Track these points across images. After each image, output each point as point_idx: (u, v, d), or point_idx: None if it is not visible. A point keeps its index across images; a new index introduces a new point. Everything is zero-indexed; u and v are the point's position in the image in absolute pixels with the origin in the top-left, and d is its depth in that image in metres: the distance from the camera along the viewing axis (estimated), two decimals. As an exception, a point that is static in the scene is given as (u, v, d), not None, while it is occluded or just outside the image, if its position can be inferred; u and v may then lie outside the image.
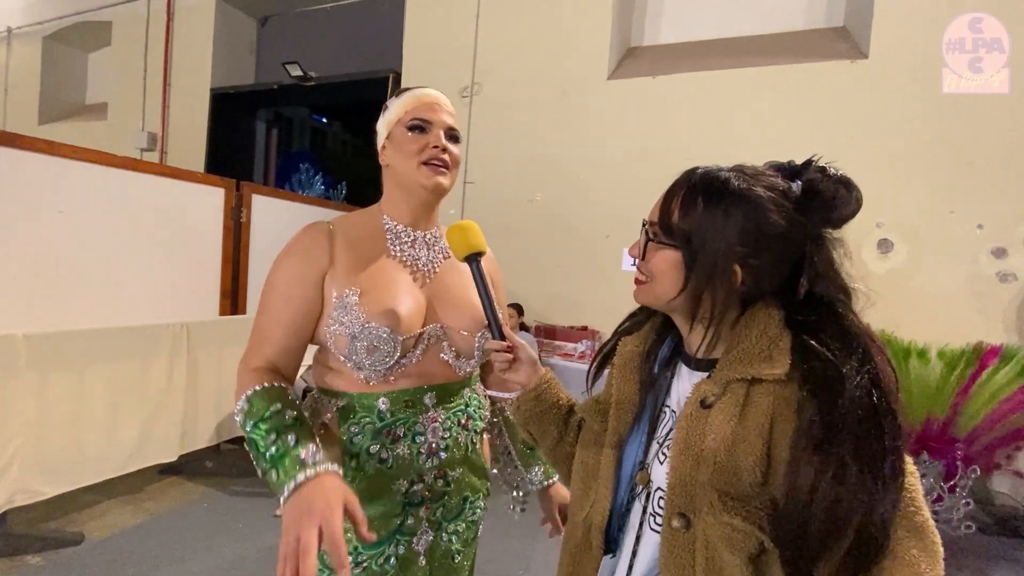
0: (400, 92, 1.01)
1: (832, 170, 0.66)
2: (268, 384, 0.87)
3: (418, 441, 0.95)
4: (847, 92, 3.51)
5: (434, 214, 1.05)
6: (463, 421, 1.01)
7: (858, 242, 3.36)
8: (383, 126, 1.00)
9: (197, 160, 5.90)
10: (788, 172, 0.69)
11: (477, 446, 1.05)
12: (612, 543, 0.76)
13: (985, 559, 2.62)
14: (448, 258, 1.03)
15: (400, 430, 0.94)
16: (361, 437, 0.93)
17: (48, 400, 2.23)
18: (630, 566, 0.73)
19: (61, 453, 2.27)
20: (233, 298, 3.37)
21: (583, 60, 4.23)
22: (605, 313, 3.97)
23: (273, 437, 0.80)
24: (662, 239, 0.69)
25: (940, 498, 2.52)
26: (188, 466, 3.07)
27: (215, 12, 5.89)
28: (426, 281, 1.00)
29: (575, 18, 4.25)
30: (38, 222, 2.40)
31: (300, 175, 6.76)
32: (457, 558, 1.04)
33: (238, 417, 0.86)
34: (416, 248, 1.00)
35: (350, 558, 0.91)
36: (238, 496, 2.92)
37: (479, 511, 1.07)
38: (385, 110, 1.01)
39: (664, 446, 0.71)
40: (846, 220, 0.67)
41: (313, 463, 0.76)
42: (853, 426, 0.57)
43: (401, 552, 0.95)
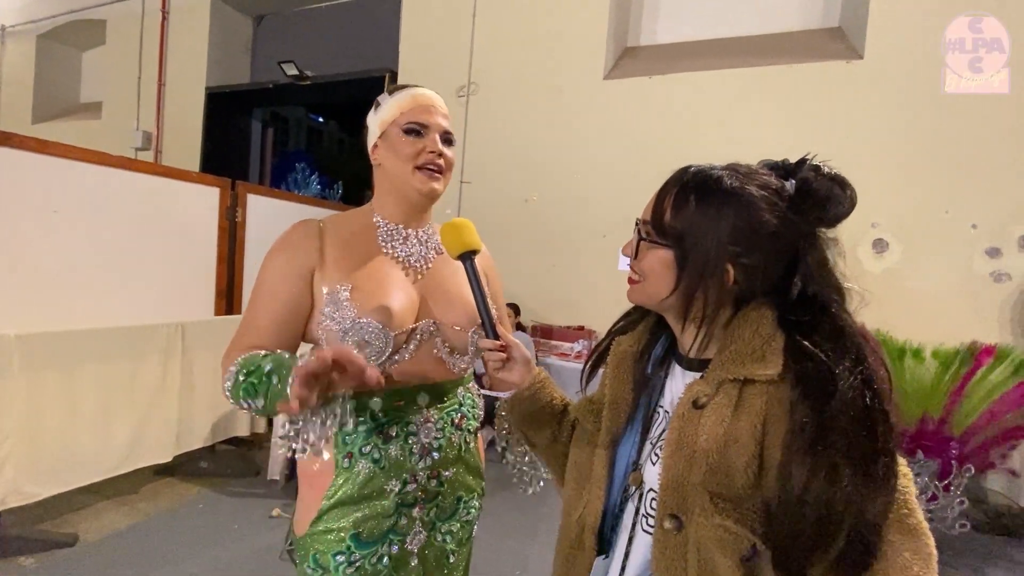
0: (394, 90, 0.99)
1: (826, 169, 0.66)
2: (251, 352, 0.85)
3: (411, 441, 0.94)
4: (842, 92, 3.52)
5: (427, 214, 1.04)
6: (456, 420, 1.00)
7: (853, 242, 3.38)
8: (376, 124, 0.98)
9: (192, 159, 5.87)
10: (782, 171, 0.68)
11: (471, 445, 1.05)
12: (606, 544, 0.76)
13: (980, 558, 2.63)
14: (441, 253, 1.03)
15: (393, 430, 0.93)
16: (354, 437, 0.92)
17: (41, 401, 2.22)
18: (623, 567, 0.73)
19: (54, 454, 2.26)
20: (228, 298, 3.36)
21: (580, 60, 4.23)
22: (602, 313, 3.95)
23: (268, 363, 0.78)
24: (654, 238, 0.69)
25: (935, 497, 2.53)
26: (183, 467, 3.05)
27: (210, 10, 5.86)
28: (419, 277, 0.99)
29: (572, 18, 4.25)
30: (32, 221, 2.39)
31: (296, 174, 6.75)
32: (451, 558, 1.03)
33: (229, 383, 0.83)
34: (409, 245, 1.00)
35: (343, 557, 0.91)
36: (234, 497, 2.90)
37: (474, 511, 1.07)
38: (377, 106, 0.99)
39: (657, 447, 0.71)
40: (840, 219, 0.66)
41: (306, 354, 0.76)
42: (845, 427, 0.56)
43: (394, 552, 0.95)
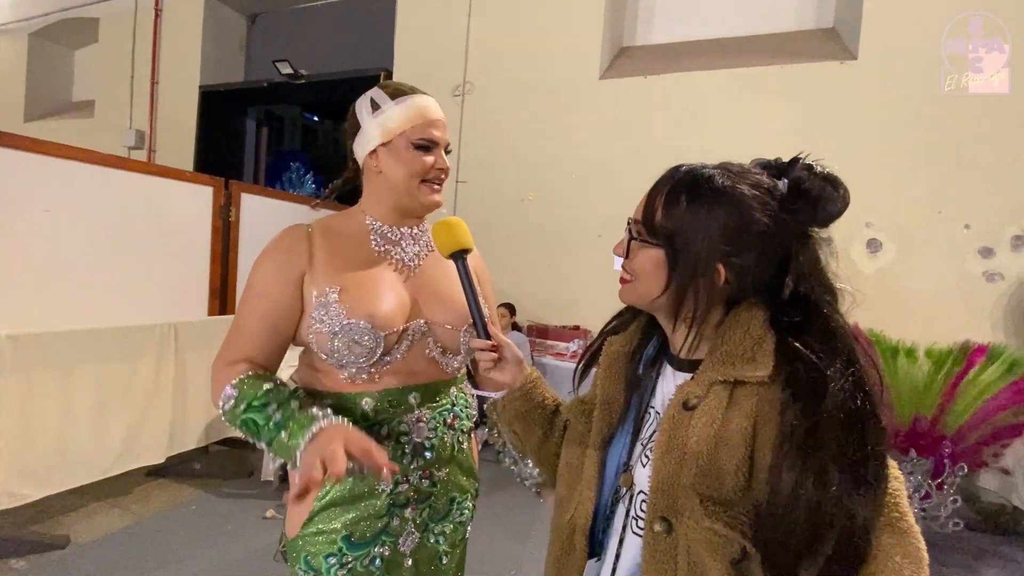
0: (394, 92, 0.96)
1: (819, 168, 0.65)
2: (254, 372, 0.89)
3: (402, 441, 0.94)
4: (837, 93, 3.53)
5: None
6: (449, 420, 1.00)
7: (847, 241, 3.39)
8: (377, 130, 0.94)
9: (186, 158, 5.83)
10: (774, 170, 0.68)
11: (464, 446, 1.04)
12: (597, 546, 0.75)
13: (972, 556, 2.65)
14: (433, 251, 1.02)
15: (384, 430, 0.93)
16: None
17: (33, 402, 2.20)
18: (613, 569, 0.72)
19: (46, 455, 2.24)
20: (222, 298, 3.34)
21: (575, 60, 4.23)
22: (597, 312, 3.93)
23: (275, 407, 0.83)
24: (645, 237, 0.68)
25: (928, 496, 2.54)
26: (176, 468, 3.03)
27: (204, 9, 5.82)
28: (410, 276, 0.99)
29: (567, 18, 4.25)
30: (23, 221, 2.37)
31: (291, 174, 6.71)
32: (444, 559, 1.03)
33: (226, 405, 0.86)
34: (401, 244, 1.00)
35: (335, 559, 0.91)
36: (227, 498, 2.89)
37: (467, 512, 1.06)
38: (376, 107, 0.95)
39: (648, 448, 0.70)
40: (833, 218, 0.65)
41: (326, 416, 0.81)
42: (836, 430, 0.56)
43: (386, 553, 0.94)
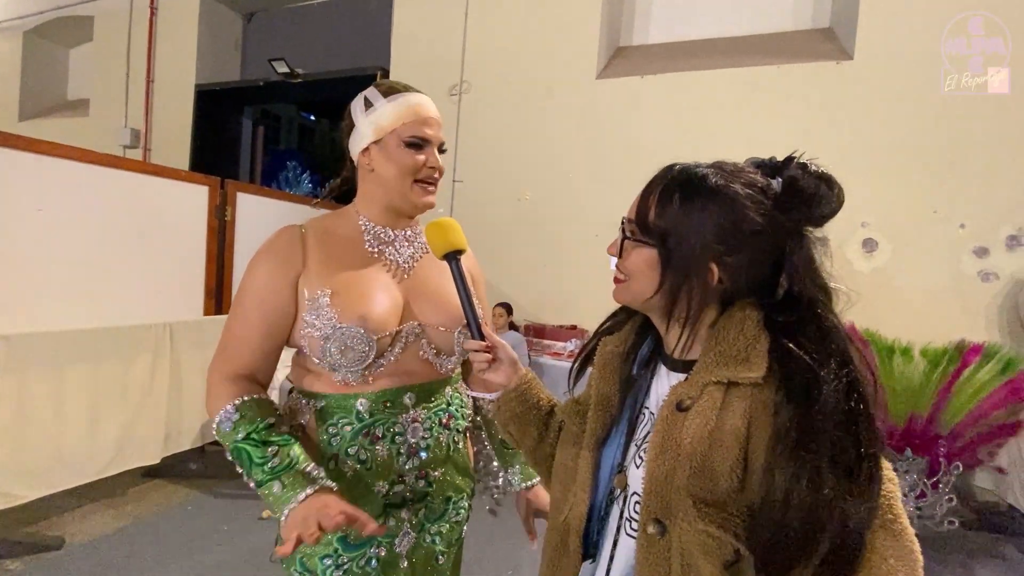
0: (388, 90, 0.96)
1: (813, 167, 0.64)
2: (257, 396, 0.89)
3: (398, 441, 0.94)
4: (832, 93, 3.54)
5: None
6: (444, 420, 0.99)
7: (843, 241, 3.40)
8: (370, 127, 0.94)
9: (181, 158, 5.81)
10: (769, 169, 0.67)
11: (460, 445, 1.04)
12: (592, 547, 0.75)
13: (968, 554, 2.65)
14: (428, 253, 1.01)
15: (379, 430, 0.92)
16: (340, 439, 0.92)
17: (27, 402, 2.19)
18: (607, 571, 0.72)
19: (41, 456, 2.24)
20: (217, 298, 3.33)
21: (572, 59, 4.23)
22: (594, 312, 3.89)
23: (274, 450, 0.84)
24: (639, 237, 0.67)
25: (923, 494, 2.55)
26: (171, 468, 3.02)
27: (199, 7, 5.80)
28: (404, 277, 0.98)
29: (564, 17, 4.25)
30: (17, 220, 2.36)
31: (287, 173, 6.69)
32: (440, 559, 1.02)
33: (224, 426, 0.86)
34: (395, 246, 0.99)
35: (330, 560, 0.90)
36: (223, 499, 2.88)
37: (463, 511, 1.06)
38: (369, 105, 0.95)
39: (642, 449, 0.70)
40: (828, 217, 0.65)
41: (318, 477, 0.83)
42: (829, 431, 0.55)
43: (382, 554, 0.94)
